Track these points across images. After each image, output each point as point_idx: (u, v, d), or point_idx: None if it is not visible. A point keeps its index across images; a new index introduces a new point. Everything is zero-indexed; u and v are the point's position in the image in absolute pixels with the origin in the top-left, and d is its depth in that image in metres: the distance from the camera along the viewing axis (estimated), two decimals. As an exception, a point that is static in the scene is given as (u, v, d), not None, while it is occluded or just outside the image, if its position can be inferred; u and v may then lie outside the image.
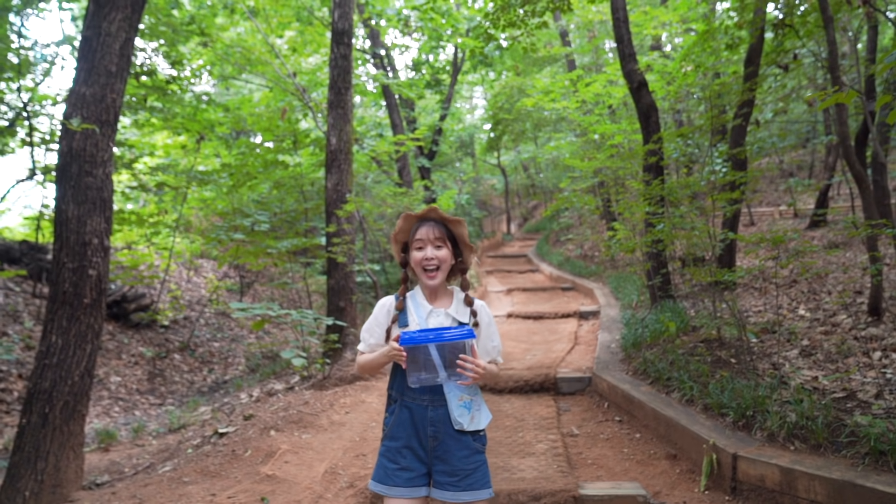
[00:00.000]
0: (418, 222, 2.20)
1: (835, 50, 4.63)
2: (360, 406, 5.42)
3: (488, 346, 2.21)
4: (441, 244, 2.16)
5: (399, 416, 2.14)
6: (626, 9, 7.50)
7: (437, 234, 2.16)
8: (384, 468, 2.13)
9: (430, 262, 2.14)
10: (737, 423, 3.73)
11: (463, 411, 2.10)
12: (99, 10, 4.32)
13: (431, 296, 2.22)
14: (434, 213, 2.20)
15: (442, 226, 2.19)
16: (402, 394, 2.14)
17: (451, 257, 2.20)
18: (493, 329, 2.24)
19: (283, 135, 11.77)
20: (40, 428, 3.86)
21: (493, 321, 2.26)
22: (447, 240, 2.18)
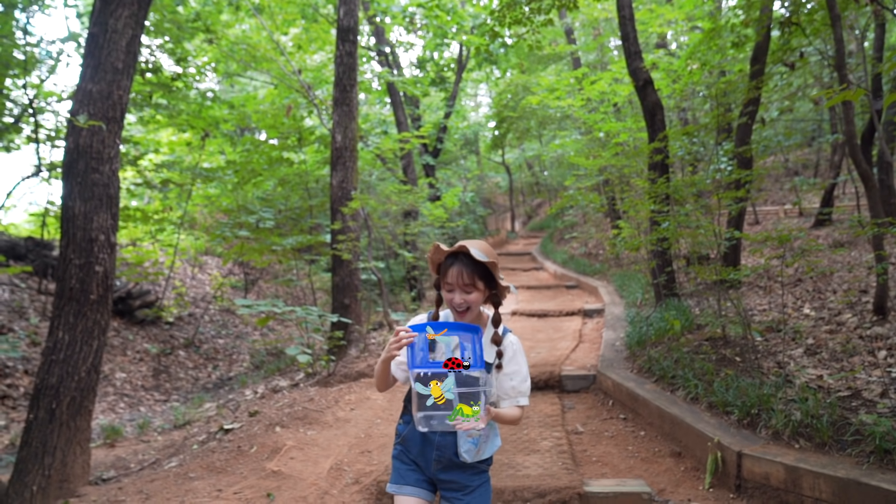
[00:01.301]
0: (449, 259, 2.05)
1: (842, 48, 4.62)
2: (366, 403, 5.43)
3: (506, 384, 2.06)
4: (471, 289, 2.01)
5: (412, 432, 2.11)
6: (631, 6, 7.48)
7: (467, 280, 2.00)
8: (397, 470, 2.15)
9: (460, 306, 2.03)
10: (741, 422, 3.74)
11: (470, 447, 2.06)
12: (105, 6, 4.34)
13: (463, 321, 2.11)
14: (464, 251, 2.01)
15: (473, 265, 2.01)
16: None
17: (482, 296, 2.06)
18: (514, 367, 2.08)
19: (287, 132, 11.78)
20: (47, 423, 3.89)
21: (521, 358, 2.10)
22: (479, 279, 2.02)
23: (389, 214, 9.66)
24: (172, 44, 10.16)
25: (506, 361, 2.07)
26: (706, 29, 8.34)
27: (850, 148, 4.79)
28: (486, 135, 24.77)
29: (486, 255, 2.00)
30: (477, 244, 2.03)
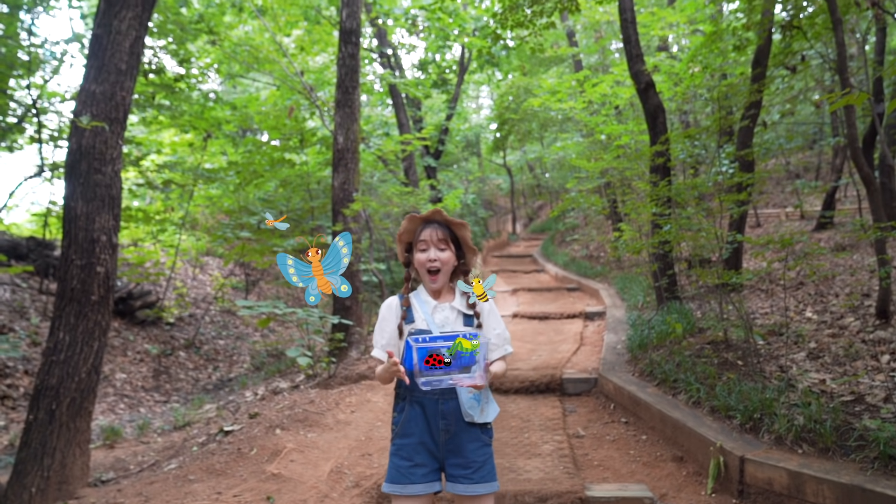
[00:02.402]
0: (423, 224, 2.26)
1: (843, 52, 4.61)
2: (366, 405, 5.42)
3: (492, 335, 2.22)
4: (444, 246, 2.22)
5: (410, 413, 2.16)
6: (633, 10, 7.48)
7: (441, 236, 2.21)
8: (397, 468, 2.15)
9: (433, 263, 2.20)
10: (744, 426, 3.72)
11: (473, 403, 2.14)
12: (110, 8, 4.34)
13: (435, 293, 2.27)
14: (438, 215, 2.25)
15: (446, 228, 2.24)
16: (412, 390, 2.15)
17: (453, 259, 2.25)
18: (494, 318, 2.26)
19: (289, 133, 11.79)
20: (47, 424, 3.88)
21: (496, 309, 2.29)
22: (450, 242, 2.24)
23: (391, 216, 9.64)
24: (176, 45, 10.17)
25: (485, 317, 2.24)
26: (708, 32, 8.33)
27: (852, 151, 4.78)
28: (488, 137, 24.78)
29: (461, 221, 2.30)
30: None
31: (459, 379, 1.96)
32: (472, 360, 1.96)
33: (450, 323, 2.19)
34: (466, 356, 1.95)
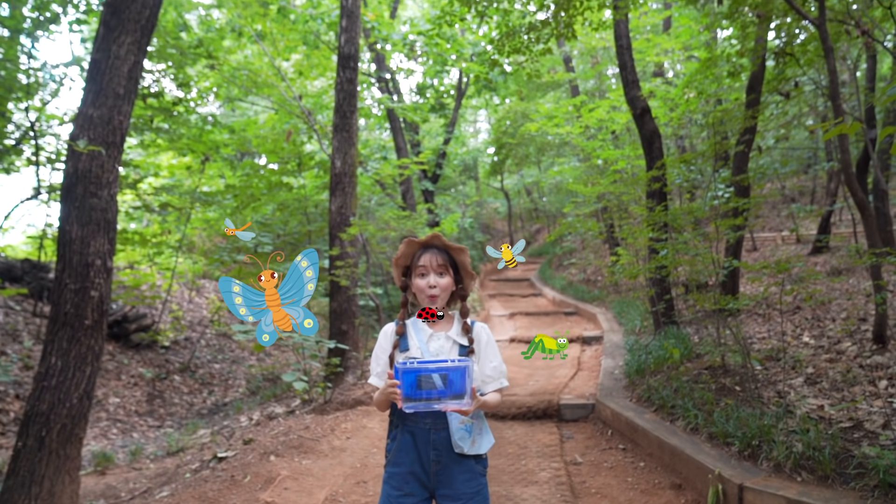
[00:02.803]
0: (421, 249, 2.22)
1: (835, 79, 4.66)
2: (362, 431, 5.37)
3: (487, 367, 2.17)
4: (443, 271, 2.18)
5: (402, 441, 2.14)
6: (629, 36, 7.57)
7: (440, 262, 2.17)
8: (388, 496, 2.13)
9: (433, 289, 2.15)
10: (742, 453, 3.69)
11: (464, 434, 2.10)
12: (109, 33, 4.38)
13: (431, 322, 2.22)
14: (437, 239, 2.22)
15: (444, 253, 2.21)
16: (405, 418, 2.13)
17: (452, 284, 2.21)
18: (492, 350, 2.21)
19: (287, 157, 11.84)
20: (36, 451, 3.82)
21: (493, 342, 2.24)
22: (449, 267, 2.20)
23: (388, 240, 9.65)
24: (175, 69, 10.25)
25: (482, 347, 2.19)
26: (702, 58, 8.44)
27: (846, 177, 4.80)
28: (486, 161, 24.91)
29: (460, 245, 2.27)
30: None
31: (446, 404, 1.92)
32: (462, 387, 1.92)
33: (444, 352, 2.15)
34: (458, 383, 1.91)
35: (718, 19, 8.06)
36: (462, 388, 1.92)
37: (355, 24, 8.17)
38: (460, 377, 1.92)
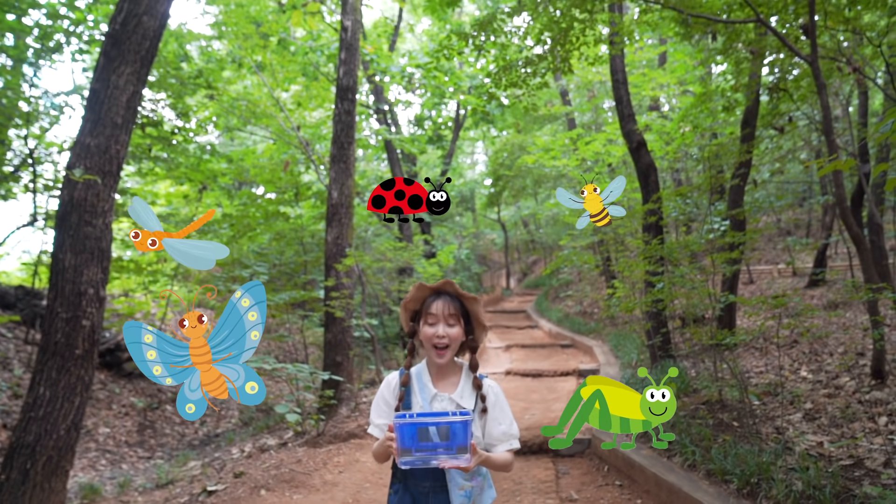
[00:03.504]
0: (432, 295, 2.10)
1: (828, 115, 4.71)
2: (355, 465, 5.27)
3: (495, 430, 2.04)
4: (454, 322, 2.05)
5: (402, 499, 2.06)
6: (624, 71, 7.67)
7: (452, 311, 2.04)
8: None
9: (442, 339, 2.03)
10: (741, 491, 3.62)
11: (463, 500, 2.01)
12: (109, 63, 4.42)
13: (438, 374, 2.11)
14: (450, 286, 2.09)
15: (457, 301, 2.08)
16: (406, 476, 2.06)
17: (462, 334, 2.08)
18: (499, 412, 2.07)
19: (285, 187, 11.87)
20: (20, 485, 3.74)
21: (503, 401, 2.11)
22: (460, 316, 2.07)
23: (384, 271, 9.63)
24: (174, 98, 10.33)
25: (491, 405, 2.07)
26: (697, 93, 8.55)
27: (842, 211, 4.82)
28: (483, 192, 25.04)
29: (474, 295, 2.14)
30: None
31: (444, 461, 1.79)
32: (464, 441, 1.78)
33: None
34: (459, 437, 1.78)
35: (713, 55, 8.19)
36: (463, 443, 1.78)
37: (354, 57, 8.27)
38: (461, 431, 1.79)
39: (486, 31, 7.58)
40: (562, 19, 6.88)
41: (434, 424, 1.80)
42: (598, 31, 7.41)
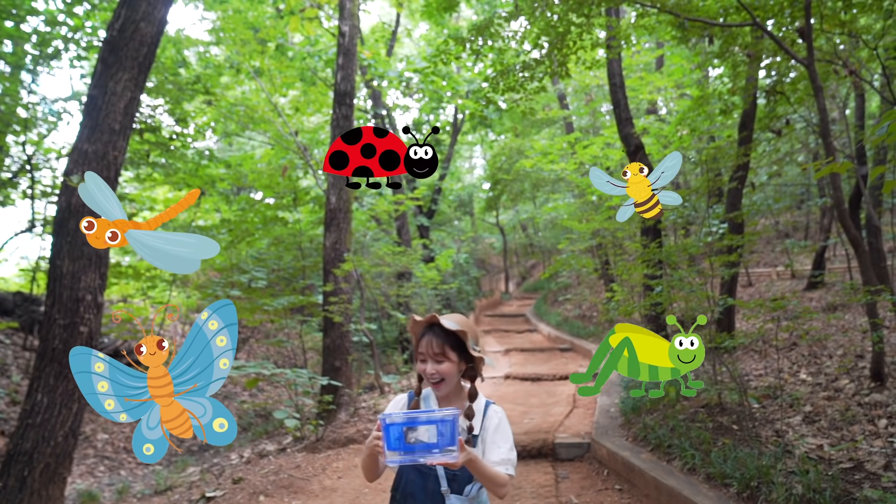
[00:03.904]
0: (425, 328, 2.08)
1: (825, 118, 4.72)
2: (353, 471, 5.26)
3: (494, 455, 2.00)
4: (442, 358, 2.02)
5: None
6: (622, 74, 7.69)
7: (437, 350, 2.01)
8: None
9: (432, 376, 2.02)
10: (741, 495, 3.61)
11: None
12: (106, 70, 4.42)
13: (444, 398, 2.10)
14: (434, 320, 2.05)
15: (445, 335, 2.04)
16: (405, 500, 2.05)
17: (455, 367, 2.04)
18: (500, 437, 2.04)
19: (283, 192, 11.87)
20: (17, 492, 3.72)
21: (506, 427, 2.07)
22: (451, 350, 2.03)
23: (383, 275, 9.62)
24: (172, 104, 10.34)
25: (489, 435, 2.04)
26: (695, 96, 8.56)
27: (839, 214, 4.83)
28: (481, 196, 25.05)
29: (459, 325, 2.02)
30: (451, 316, 2.07)
31: (432, 457, 1.78)
32: (452, 440, 1.77)
33: None
34: (447, 436, 1.76)
35: (710, 58, 8.21)
36: (451, 442, 1.77)
37: (352, 62, 8.28)
38: (449, 430, 1.78)
39: (484, 35, 7.59)
40: (559, 23, 6.89)
41: (422, 423, 1.78)
42: (595, 35, 7.42)
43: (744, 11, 5.20)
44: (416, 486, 2.04)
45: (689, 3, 5.82)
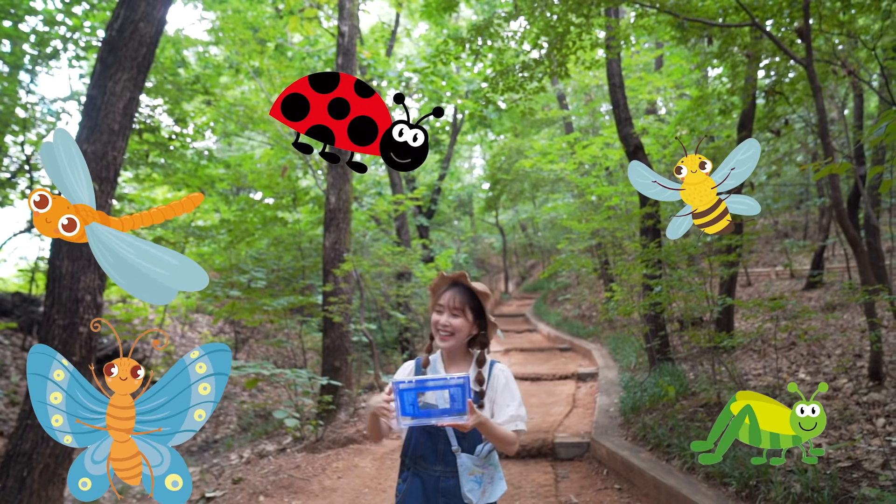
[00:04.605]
0: (448, 285, 2.18)
1: (824, 118, 4.72)
2: (353, 471, 5.26)
3: (503, 414, 2.06)
4: (458, 313, 2.11)
5: (411, 486, 2.09)
6: (621, 74, 7.69)
7: (458, 304, 2.11)
8: None
9: (445, 328, 2.11)
10: (740, 494, 3.62)
11: (473, 486, 2.04)
12: (105, 70, 4.42)
13: (449, 360, 2.18)
14: (463, 279, 2.17)
15: (467, 294, 2.14)
16: (415, 462, 2.08)
17: (468, 327, 2.13)
18: (509, 395, 2.10)
19: (282, 192, 11.88)
20: (16, 493, 3.72)
21: (512, 384, 2.14)
22: (470, 309, 2.13)
23: (382, 276, 9.63)
24: (172, 104, 10.34)
25: (501, 388, 2.11)
26: (694, 96, 8.57)
27: (838, 214, 4.83)
28: (480, 196, 25.06)
29: (483, 290, 2.14)
30: (476, 282, 2.18)
31: (443, 419, 1.83)
32: (463, 404, 1.82)
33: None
34: (459, 400, 1.81)
35: (709, 58, 8.22)
36: (462, 407, 1.82)
37: (351, 62, 8.29)
38: (460, 394, 1.83)
39: (483, 35, 7.60)
40: (558, 23, 6.89)
41: (434, 388, 1.82)
42: (594, 35, 7.43)
43: (743, 12, 5.21)
44: (427, 447, 2.08)
45: (689, 4, 5.83)
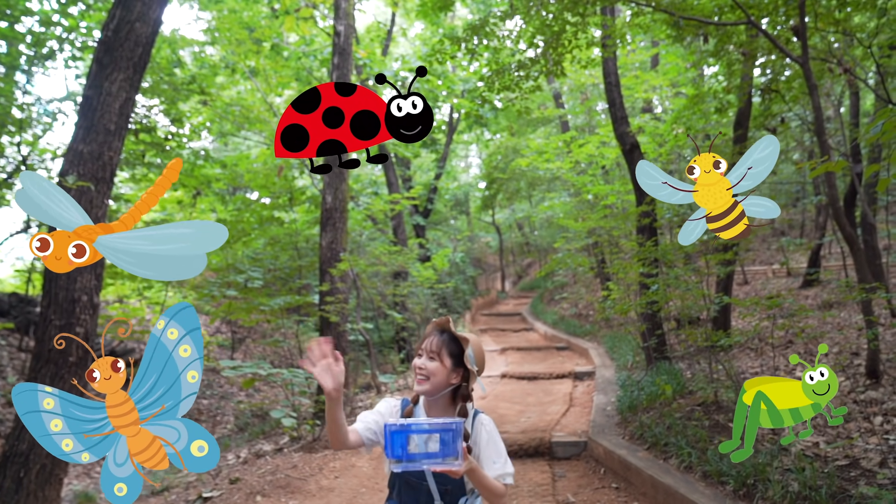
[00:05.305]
0: (433, 330, 2.15)
1: (820, 116, 4.73)
2: (350, 470, 5.26)
3: (488, 469, 1.97)
4: (435, 356, 2.06)
5: None
6: (617, 73, 7.70)
7: (434, 348, 2.07)
8: None
9: (421, 371, 2.06)
10: (737, 492, 3.63)
11: None
12: (101, 70, 4.41)
13: (430, 409, 2.12)
14: (445, 325, 2.15)
15: (448, 340, 2.09)
16: (400, 492, 2.06)
17: (445, 373, 2.06)
18: (493, 450, 2.03)
19: (279, 192, 11.85)
20: (13, 494, 3.71)
21: (496, 438, 2.07)
22: (448, 355, 2.07)
23: (379, 275, 9.62)
24: (168, 104, 10.31)
25: (483, 445, 2.04)
26: (690, 95, 8.58)
27: (834, 211, 4.84)
28: (477, 195, 25.06)
29: (472, 346, 2.06)
30: (467, 333, 2.12)
31: (433, 464, 1.77)
32: (455, 449, 1.76)
33: None
34: (451, 445, 1.75)
35: (705, 57, 8.22)
36: (455, 450, 1.76)
37: (347, 61, 8.28)
38: (452, 439, 1.77)
39: (479, 34, 7.59)
40: (554, 22, 6.89)
41: (426, 431, 1.77)
42: (590, 34, 7.43)
43: (738, 10, 5.21)
44: (409, 500, 2.04)
45: (684, 2, 5.83)
